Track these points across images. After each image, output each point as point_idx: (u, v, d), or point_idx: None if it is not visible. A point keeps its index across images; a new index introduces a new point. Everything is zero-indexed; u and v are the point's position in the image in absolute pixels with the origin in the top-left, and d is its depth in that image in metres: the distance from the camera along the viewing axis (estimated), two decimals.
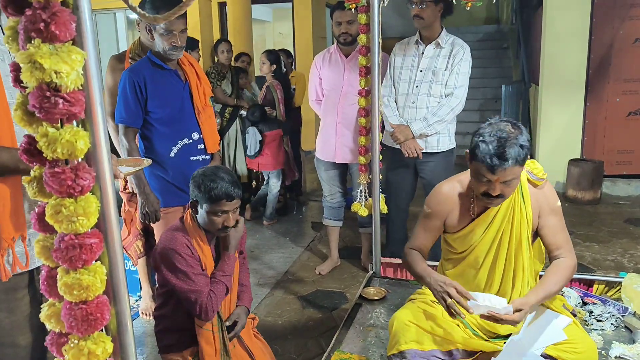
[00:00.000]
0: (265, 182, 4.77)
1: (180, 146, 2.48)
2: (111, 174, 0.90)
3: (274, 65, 4.55)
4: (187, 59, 2.54)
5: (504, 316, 1.67)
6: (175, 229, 1.93)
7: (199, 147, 2.54)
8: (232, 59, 5.05)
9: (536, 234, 1.91)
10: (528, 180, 1.87)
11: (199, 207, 1.88)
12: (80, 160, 0.87)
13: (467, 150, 1.80)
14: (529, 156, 1.72)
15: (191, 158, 2.52)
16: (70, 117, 0.83)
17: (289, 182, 4.80)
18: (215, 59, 5.17)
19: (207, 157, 2.60)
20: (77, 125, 0.87)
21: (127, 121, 2.40)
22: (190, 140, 2.50)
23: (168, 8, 1.01)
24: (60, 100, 0.81)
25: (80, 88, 0.84)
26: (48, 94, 0.80)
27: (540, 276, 2.05)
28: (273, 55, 4.64)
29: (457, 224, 1.92)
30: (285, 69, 4.68)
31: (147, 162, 2.17)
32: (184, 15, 2.34)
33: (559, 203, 1.90)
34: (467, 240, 1.91)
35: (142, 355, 2.76)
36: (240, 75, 5.05)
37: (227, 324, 1.96)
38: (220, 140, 4.77)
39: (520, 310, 1.69)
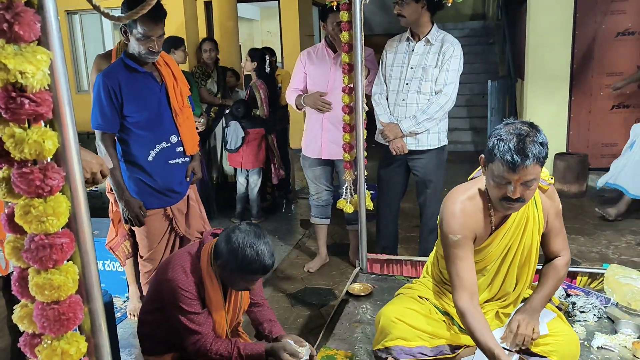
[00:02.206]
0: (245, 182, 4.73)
1: (158, 150, 2.45)
2: (81, 174, 0.90)
3: (255, 63, 4.56)
4: (164, 59, 2.50)
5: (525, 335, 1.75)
6: (189, 263, 1.88)
7: (177, 150, 2.51)
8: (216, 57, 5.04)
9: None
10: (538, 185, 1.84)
11: (226, 269, 1.82)
12: (49, 160, 0.86)
13: (482, 155, 1.73)
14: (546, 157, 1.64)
15: (170, 161, 2.49)
16: (38, 118, 0.83)
17: (276, 181, 4.80)
18: (201, 59, 5.16)
19: (187, 159, 2.58)
20: (46, 125, 0.87)
21: (104, 127, 2.37)
22: (169, 144, 2.48)
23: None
24: (26, 101, 0.80)
25: (47, 88, 0.84)
26: (13, 94, 0.80)
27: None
28: (254, 52, 4.64)
29: (479, 239, 1.81)
30: (269, 68, 4.67)
31: None
32: (162, 20, 2.30)
33: (561, 206, 1.90)
34: (483, 253, 1.82)
35: (130, 357, 2.75)
36: (228, 74, 5.03)
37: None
38: (206, 140, 4.78)
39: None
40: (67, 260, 0.90)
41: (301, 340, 1.93)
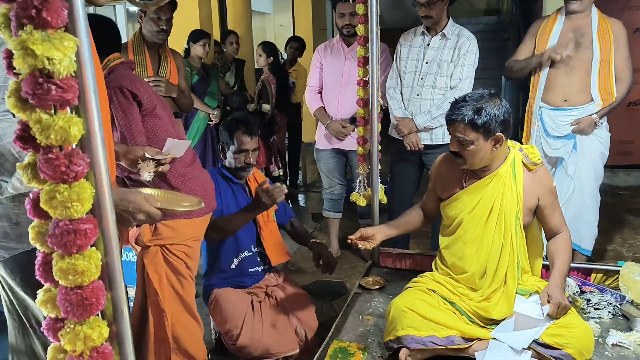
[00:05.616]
0: None
1: (241, 258, 2.50)
2: (105, 160, 0.90)
3: (271, 58, 4.52)
4: (254, 176, 2.59)
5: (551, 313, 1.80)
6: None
7: (257, 259, 2.56)
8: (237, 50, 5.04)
9: (534, 215, 2.00)
10: (523, 162, 1.94)
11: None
12: (74, 146, 0.87)
13: None
14: (494, 129, 1.79)
15: (250, 269, 2.53)
16: (64, 104, 0.84)
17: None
18: (224, 50, 5.14)
19: (267, 267, 2.59)
20: (71, 112, 0.88)
21: None
22: (250, 253, 2.53)
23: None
24: (53, 87, 0.81)
25: (74, 75, 0.85)
26: (41, 80, 0.81)
27: (544, 265, 2.15)
28: (268, 48, 4.60)
29: (447, 190, 2.04)
30: (282, 60, 4.64)
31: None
32: (255, 135, 2.45)
33: (555, 184, 2.02)
34: (453, 209, 2.00)
35: None
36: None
37: None
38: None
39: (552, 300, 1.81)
40: (91, 246, 0.91)
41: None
